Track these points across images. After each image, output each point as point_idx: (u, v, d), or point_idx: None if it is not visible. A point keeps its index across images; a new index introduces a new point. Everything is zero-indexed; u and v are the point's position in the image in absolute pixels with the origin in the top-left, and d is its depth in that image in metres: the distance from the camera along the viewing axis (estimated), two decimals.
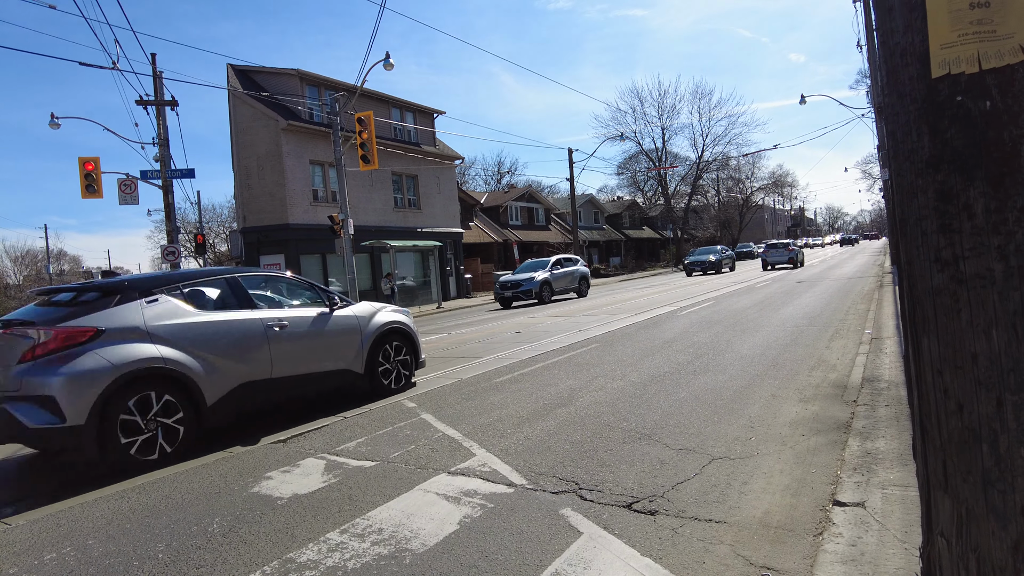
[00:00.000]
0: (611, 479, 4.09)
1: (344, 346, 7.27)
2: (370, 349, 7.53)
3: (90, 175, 19.39)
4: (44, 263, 58.53)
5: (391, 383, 7.79)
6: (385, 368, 7.74)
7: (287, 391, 6.61)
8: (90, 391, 5.00)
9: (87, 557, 3.56)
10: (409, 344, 8.16)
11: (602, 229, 58.02)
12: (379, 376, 7.65)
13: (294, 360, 6.62)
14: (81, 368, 5.04)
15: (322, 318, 7.10)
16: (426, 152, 32.22)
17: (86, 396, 4.98)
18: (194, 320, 5.92)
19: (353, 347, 7.36)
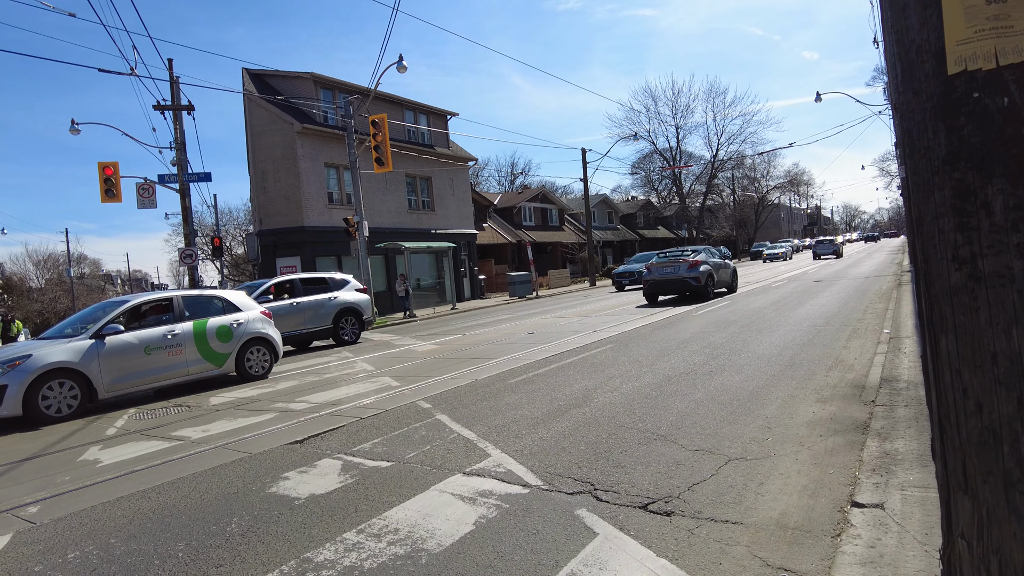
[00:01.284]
0: (627, 480, 4.08)
1: None
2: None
3: (109, 179, 19.65)
4: (65, 267, 59.36)
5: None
6: None
7: None
8: None
9: (109, 556, 3.61)
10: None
11: (616, 229, 57.86)
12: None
13: None
14: None
15: None
16: (440, 154, 32.32)
17: None
18: None
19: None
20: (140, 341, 9.41)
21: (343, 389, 8.81)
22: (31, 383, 8.16)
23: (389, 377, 9.45)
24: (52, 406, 8.35)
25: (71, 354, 8.66)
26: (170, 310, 10.18)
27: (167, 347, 9.66)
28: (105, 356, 8.94)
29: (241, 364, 10.65)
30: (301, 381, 10.11)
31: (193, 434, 6.79)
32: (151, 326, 9.77)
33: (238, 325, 10.64)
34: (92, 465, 5.86)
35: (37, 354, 8.47)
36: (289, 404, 8.06)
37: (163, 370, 9.64)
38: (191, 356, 9.97)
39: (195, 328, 10.08)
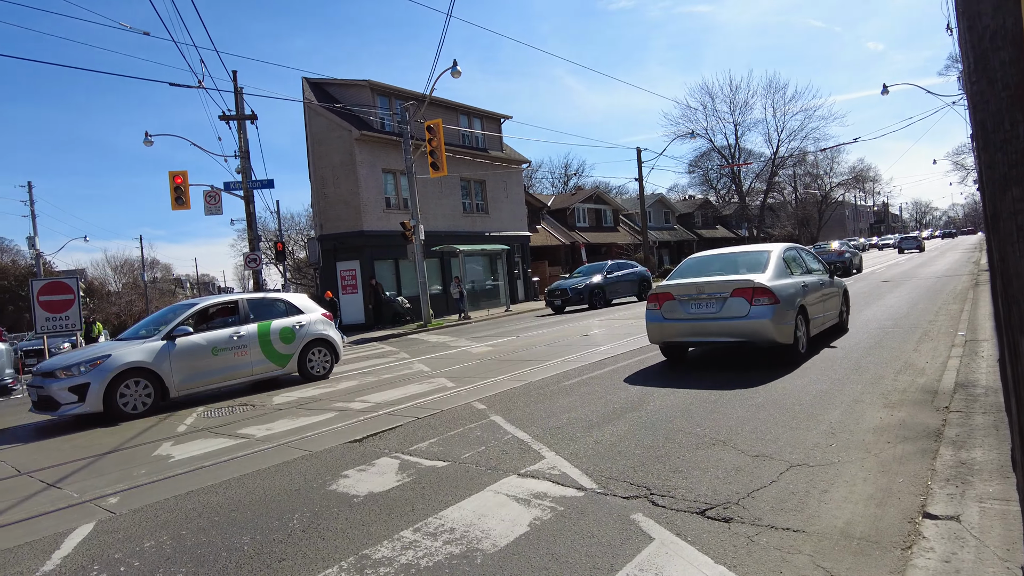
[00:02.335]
0: (684, 485, 4.01)
1: None
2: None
3: (179, 188, 20.60)
4: (140, 271, 62.50)
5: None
6: None
7: None
8: None
9: (181, 546, 3.78)
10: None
11: (673, 229, 56.92)
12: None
13: None
14: None
15: None
16: (493, 157, 32.53)
17: None
18: None
19: None
20: (208, 342, 9.80)
21: (400, 389, 8.96)
22: (111, 381, 8.63)
23: (445, 378, 9.57)
24: (129, 403, 8.81)
25: (145, 354, 9.10)
26: (236, 312, 10.56)
27: (233, 348, 10.04)
28: (176, 356, 9.36)
29: (303, 365, 10.94)
30: (360, 381, 10.35)
31: (257, 432, 7.04)
32: (218, 328, 10.16)
33: (300, 327, 10.93)
34: (165, 460, 6.15)
35: (115, 354, 8.93)
36: (349, 404, 8.26)
37: (229, 370, 10.03)
38: (255, 357, 10.32)
39: (259, 330, 10.43)
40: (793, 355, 7.75)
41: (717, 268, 8.79)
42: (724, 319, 7.71)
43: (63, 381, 8.54)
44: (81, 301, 15.51)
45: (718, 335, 7.81)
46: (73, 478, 5.79)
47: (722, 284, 7.87)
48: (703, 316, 7.92)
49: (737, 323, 7.59)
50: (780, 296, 7.56)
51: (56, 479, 5.80)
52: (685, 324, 8.07)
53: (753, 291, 7.58)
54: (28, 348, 21.12)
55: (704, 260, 9.29)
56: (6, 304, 42.23)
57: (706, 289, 7.97)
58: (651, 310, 8.62)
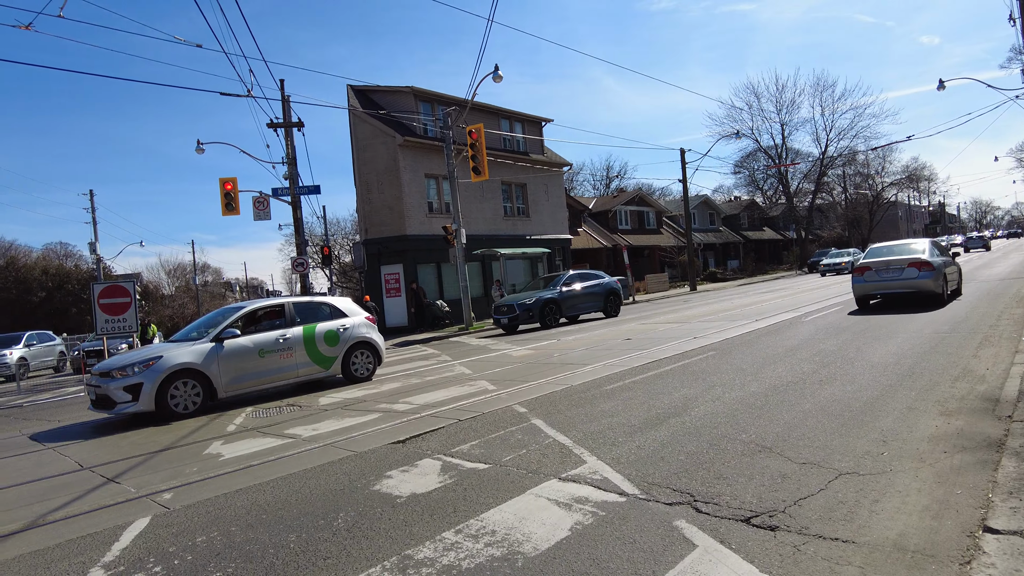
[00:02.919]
0: (728, 492, 3.94)
1: None
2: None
3: (229, 194, 21.24)
4: (192, 275, 64.66)
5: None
6: None
7: None
8: None
9: (231, 542, 3.90)
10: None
11: (718, 231, 55.97)
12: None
13: None
14: None
15: None
16: (534, 160, 32.57)
17: None
18: None
19: None
20: (255, 344, 10.05)
21: (442, 392, 9.05)
22: (162, 381, 8.95)
23: (486, 381, 9.61)
24: (179, 403, 9.09)
25: (195, 356, 9.38)
26: (282, 316, 10.79)
27: (279, 350, 10.27)
28: (224, 358, 9.63)
29: (347, 367, 11.15)
30: (404, 383, 10.48)
31: (304, 432, 7.20)
32: (265, 331, 10.41)
33: (344, 330, 11.13)
34: (215, 458, 6.35)
35: (167, 355, 9.23)
36: (392, 405, 8.38)
37: (275, 372, 10.26)
38: (301, 359, 10.52)
39: (305, 332, 10.64)
40: (940, 301, 13.45)
41: (895, 252, 14.29)
42: (904, 279, 13.55)
43: (119, 381, 8.89)
44: (137, 304, 16.14)
45: (899, 289, 13.63)
46: (130, 474, 6.02)
47: (901, 260, 13.73)
48: (890, 279, 13.75)
49: (911, 281, 13.42)
50: (935, 266, 13.36)
51: (115, 474, 6.04)
52: (878, 284, 13.95)
53: (921, 263, 13.40)
54: (89, 348, 22.06)
55: (883, 248, 15.06)
56: (69, 306, 44.19)
57: (892, 264, 13.78)
58: (856, 277, 14.42)
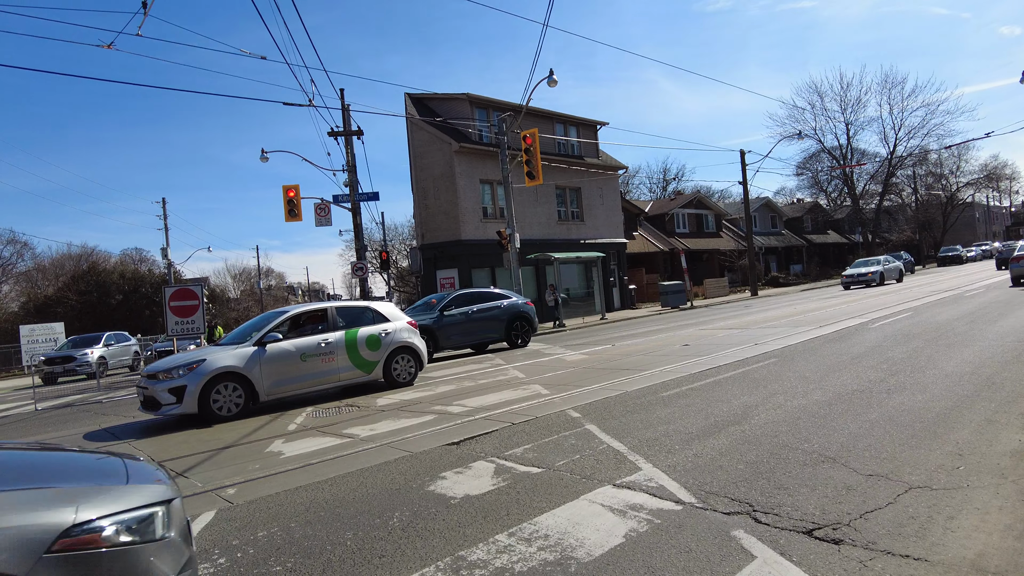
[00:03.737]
0: (789, 503, 3.80)
1: None
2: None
3: (291, 201, 21.95)
4: (256, 279, 67.10)
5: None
6: None
7: None
8: None
9: (290, 537, 4.01)
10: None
11: (780, 234, 54.34)
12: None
13: None
14: None
15: None
16: (589, 164, 32.41)
17: None
18: None
19: None
20: (297, 349, 10.08)
21: (496, 395, 9.08)
22: (205, 384, 9.05)
23: (539, 385, 9.59)
24: (222, 406, 9.19)
25: (237, 359, 9.46)
26: (324, 320, 10.81)
27: (321, 354, 10.28)
28: (266, 362, 9.68)
29: (388, 371, 11.12)
30: (458, 386, 10.57)
31: (361, 432, 7.35)
32: (307, 335, 10.44)
33: (386, 335, 11.12)
34: (276, 456, 6.55)
35: (210, 359, 9.33)
36: (447, 407, 8.46)
37: (317, 376, 10.28)
38: (342, 363, 10.54)
39: (347, 337, 10.65)
40: None
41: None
42: None
43: (164, 383, 9.05)
44: (205, 306, 16.85)
45: None
46: (197, 469, 6.28)
47: None
48: None
49: None
50: None
51: (183, 469, 6.31)
52: None
53: None
54: (161, 349, 23.15)
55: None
56: (143, 309, 46.51)
57: None
58: (1013, 263, 19.66)
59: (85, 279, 49.63)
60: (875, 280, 29.79)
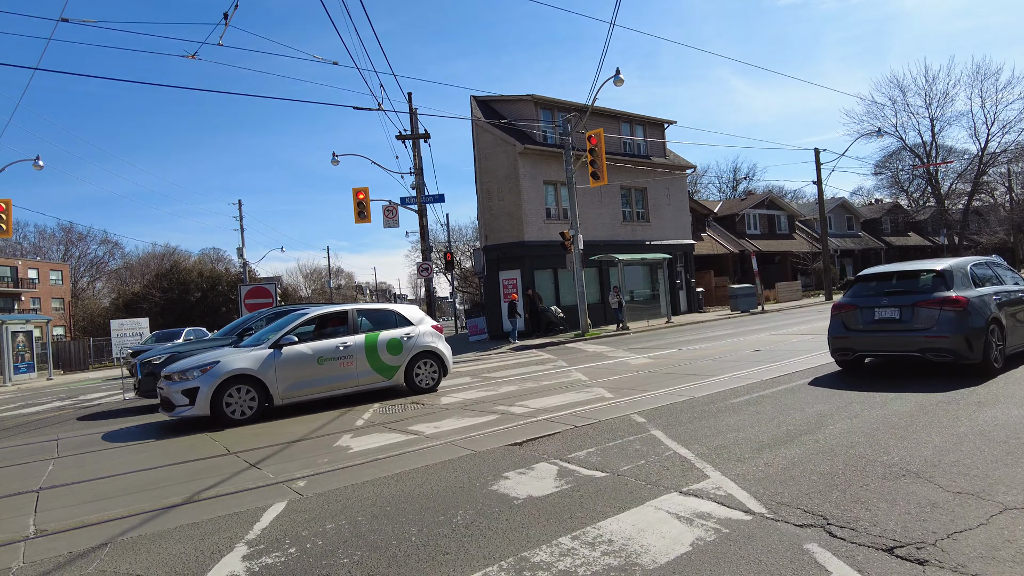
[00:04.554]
0: (867, 517, 3.62)
1: None
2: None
3: (361, 203, 22.56)
4: (327, 279, 69.26)
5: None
6: None
7: None
8: None
9: (357, 531, 4.11)
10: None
11: (857, 236, 51.97)
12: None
13: None
14: None
15: None
16: (656, 163, 31.88)
17: None
18: None
19: None
20: (314, 352, 9.83)
21: (559, 397, 9.05)
22: (217, 386, 8.92)
23: (602, 388, 9.50)
24: (234, 409, 9.06)
25: (252, 362, 9.29)
26: (345, 323, 10.52)
27: (339, 358, 10.00)
28: (281, 365, 9.47)
29: (410, 377, 10.77)
30: (521, 387, 10.60)
31: (426, 429, 7.46)
32: (327, 338, 10.19)
33: (408, 339, 10.79)
34: (345, 451, 6.73)
35: (224, 361, 9.19)
36: (509, 408, 8.49)
37: (334, 380, 10.00)
38: (361, 368, 10.24)
39: (367, 341, 10.36)
40: None
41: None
42: None
43: (178, 384, 8.99)
44: (279, 304, 17.50)
45: None
46: (269, 461, 6.52)
47: None
48: None
49: None
50: None
51: (256, 460, 6.57)
52: None
53: None
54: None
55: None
56: (220, 306, 48.83)
57: None
58: None
59: (168, 277, 52.56)
60: None
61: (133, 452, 7.71)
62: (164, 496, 5.40)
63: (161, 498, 5.34)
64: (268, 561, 3.71)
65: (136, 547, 4.15)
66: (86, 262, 72.40)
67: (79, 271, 70.12)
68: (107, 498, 5.55)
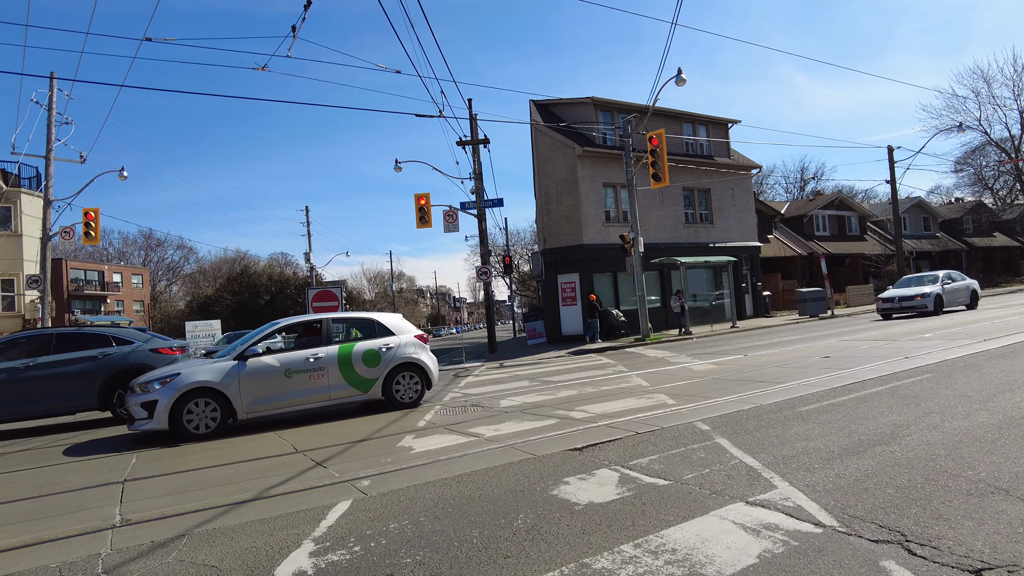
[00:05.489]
0: (951, 535, 3.42)
1: None
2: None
3: (422, 208, 22.95)
4: (389, 283, 70.78)
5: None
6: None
7: None
8: None
9: (419, 531, 4.17)
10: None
11: (935, 237, 49.34)
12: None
13: None
14: None
15: None
16: (719, 164, 31.16)
17: None
18: None
19: None
20: (281, 364, 9.39)
21: (619, 402, 8.94)
22: (177, 400, 8.59)
23: (664, 394, 9.34)
24: (195, 423, 8.73)
25: (214, 374, 8.91)
26: (318, 333, 10.04)
27: (308, 371, 9.53)
28: (246, 377, 9.06)
29: (389, 390, 10.17)
30: (580, 391, 10.53)
31: (486, 432, 7.51)
32: (303, 348, 9.81)
33: (387, 349, 10.20)
34: (407, 451, 6.84)
35: (185, 372, 8.87)
36: (569, 412, 8.45)
37: (303, 394, 9.54)
38: (334, 380, 9.71)
39: (340, 352, 9.83)
40: None
41: None
42: None
43: (138, 396, 8.74)
44: (344, 307, 17.98)
45: None
46: (334, 460, 6.70)
47: None
48: None
49: None
50: None
51: (322, 459, 6.76)
52: None
53: None
54: None
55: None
56: (288, 309, 50.53)
57: None
58: None
59: (238, 281, 54.85)
60: (929, 306, 21.10)
61: (206, 448, 8.07)
62: (236, 492, 5.62)
63: (233, 493, 5.56)
64: (333, 558, 3.81)
65: (211, 539, 4.33)
66: (163, 266, 76.53)
67: (157, 275, 74.13)
68: (184, 491, 5.83)
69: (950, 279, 22.80)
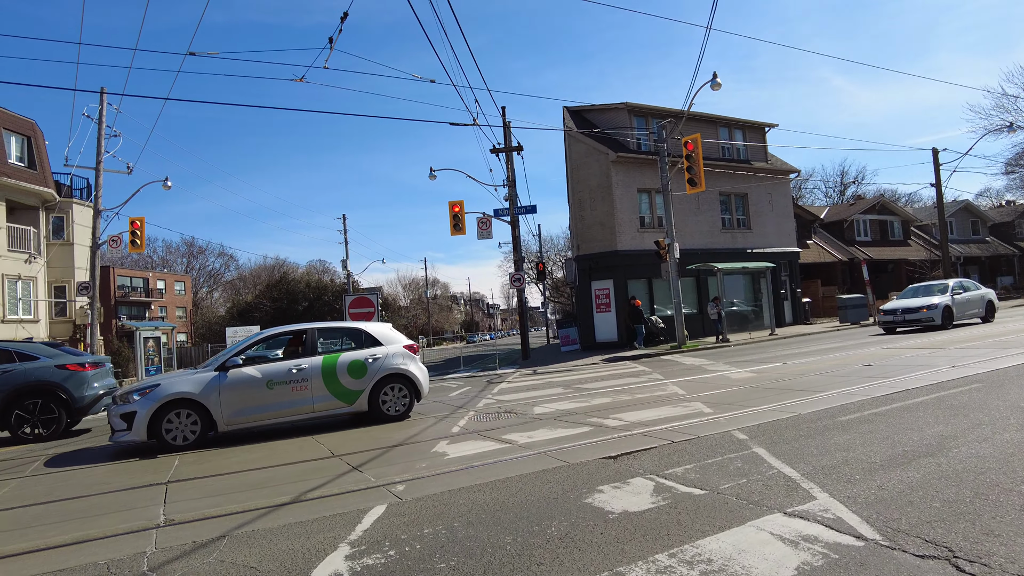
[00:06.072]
0: (1002, 552, 3.30)
1: None
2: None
3: (456, 216, 23.12)
4: (423, 289, 71.40)
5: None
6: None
7: None
8: None
9: (453, 536, 4.19)
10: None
11: (983, 242, 47.66)
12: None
13: None
14: None
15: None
16: (756, 168, 30.67)
17: None
18: None
19: None
20: (263, 375, 9.26)
21: (654, 410, 8.85)
22: (156, 411, 8.57)
23: (701, 403, 9.21)
24: (175, 435, 8.71)
25: (193, 385, 8.86)
26: (302, 343, 9.86)
27: (291, 382, 9.36)
28: (226, 389, 8.98)
29: (375, 402, 9.94)
30: (614, 399, 10.46)
31: (520, 439, 7.51)
32: (287, 359, 9.65)
33: (374, 360, 9.99)
34: (441, 457, 6.89)
35: (164, 384, 8.86)
36: (603, 420, 8.40)
37: (286, 406, 9.39)
38: (318, 392, 9.54)
39: (324, 363, 9.64)
40: None
41: None
42: None
43: (118, 408, 8.74)
44: (380, 314, 18.22)
45: None
46: (370, 464, 6.78)
47: None
48: None
49: None
50: None
51: (358, 463, 6.85)
52: None
53: None
54: None
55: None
56: (325, 315, 51.33)
57: None
58: None
59: (277, 287, 55.97)
60: (937, 319, 19.40)
61: (246, 452, 8.25)
62: (275, 495, 5.73)
63: (272, 496, 5.67)
64: (369, 562, 3.85)
65: (250, 541, 4.43)
66: (205, 273, 78.63)
67: (199, 282, 76.18)
68: (224, 493, 5.97)
69: (962, 288, 21.08)
